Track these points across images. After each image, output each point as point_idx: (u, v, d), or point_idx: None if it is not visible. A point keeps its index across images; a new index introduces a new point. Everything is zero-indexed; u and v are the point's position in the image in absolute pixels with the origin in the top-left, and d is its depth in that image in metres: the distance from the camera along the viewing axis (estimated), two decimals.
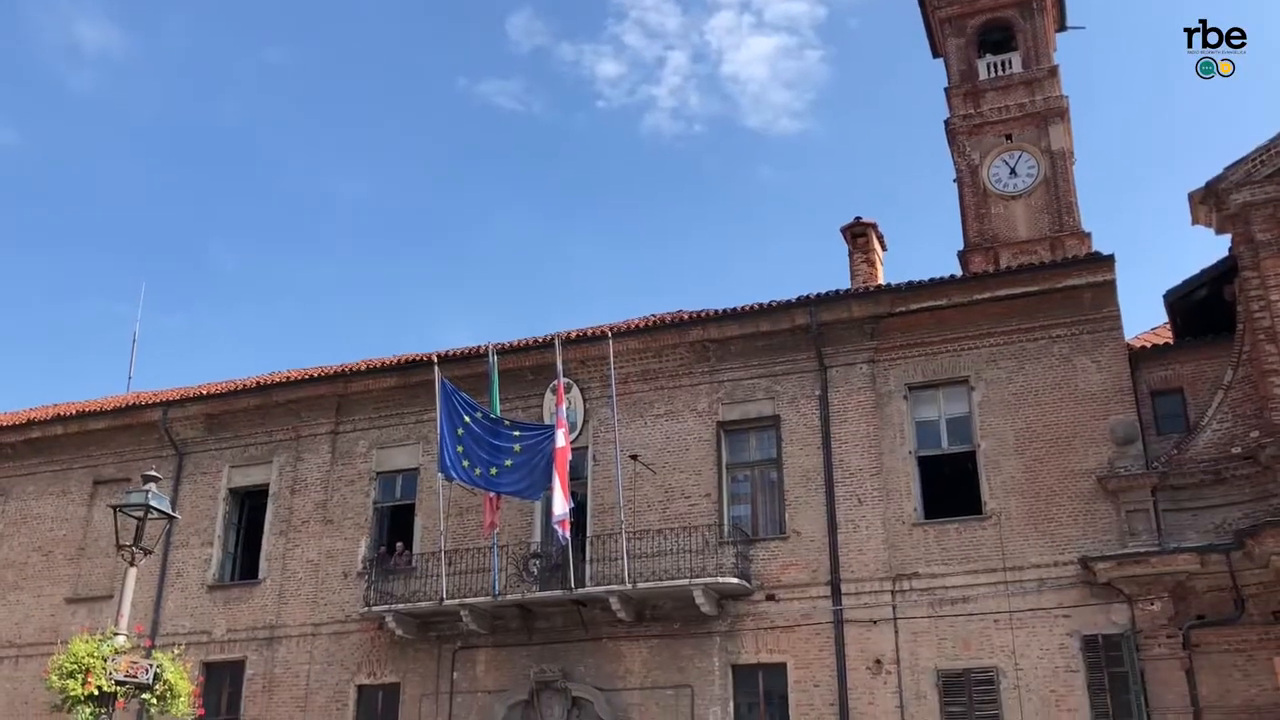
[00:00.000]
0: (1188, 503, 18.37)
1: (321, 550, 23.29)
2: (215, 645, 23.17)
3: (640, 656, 20.52)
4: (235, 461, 24.95)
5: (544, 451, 20.13)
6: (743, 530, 20.89)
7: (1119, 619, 18.10)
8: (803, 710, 19.26)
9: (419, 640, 21.69)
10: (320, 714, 21.99)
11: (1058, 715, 17.91)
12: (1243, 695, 17.11)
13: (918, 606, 19.22)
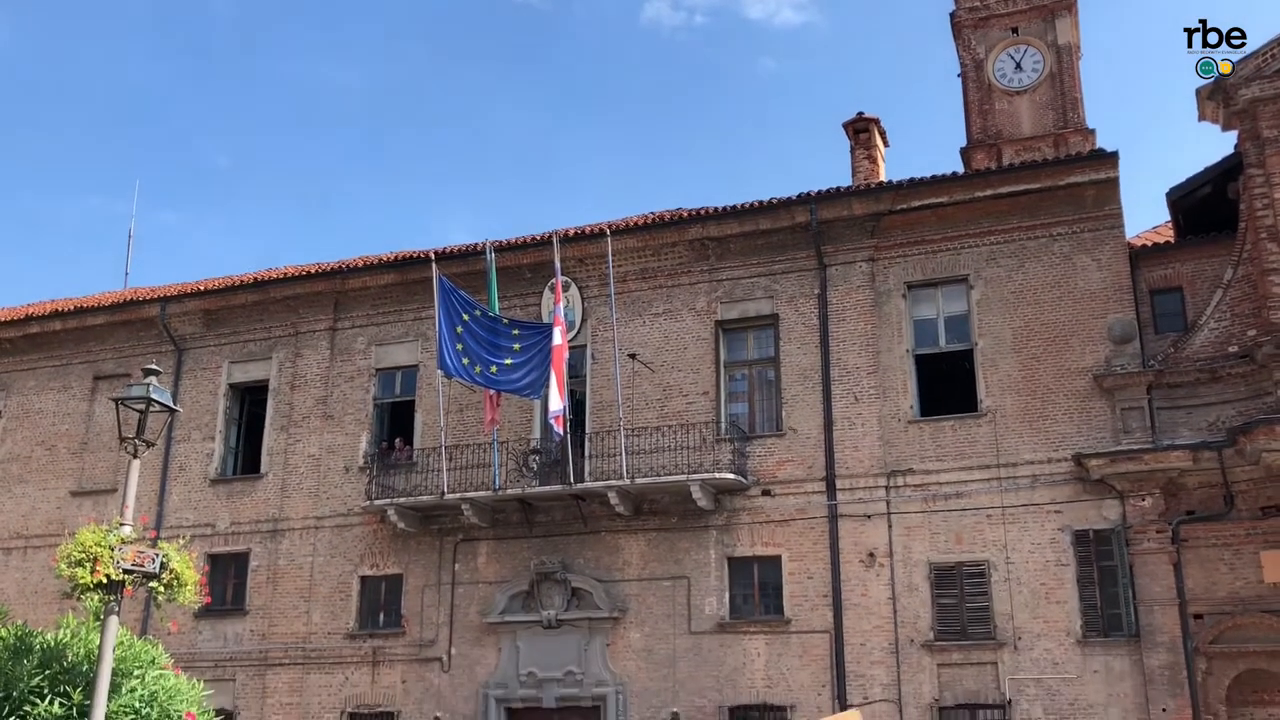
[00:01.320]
0: (1182, 401, 18.52)
1: (322, 445, 23.51)
2: (219, 538, 23.56)
3: (638, 549, 20.89)
4: (234, 357, 25.05)
5: (543, 350, 20.19)
6: (740, 427, 21.08)
7: (1110, 514, 18.40)
8: (797, 601, 19.68)
9: (421, 533, 22.05)
10: (325, 604, 22.47)
11: (1046, 607, 18.31)
12: (1228, 588, 17.49)
13: (911, 502, 19.50)
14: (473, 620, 21.41)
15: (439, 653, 21.40)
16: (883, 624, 19.08)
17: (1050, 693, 17.95)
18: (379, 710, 21.54)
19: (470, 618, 21.44)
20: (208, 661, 22.17)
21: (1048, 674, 18.04)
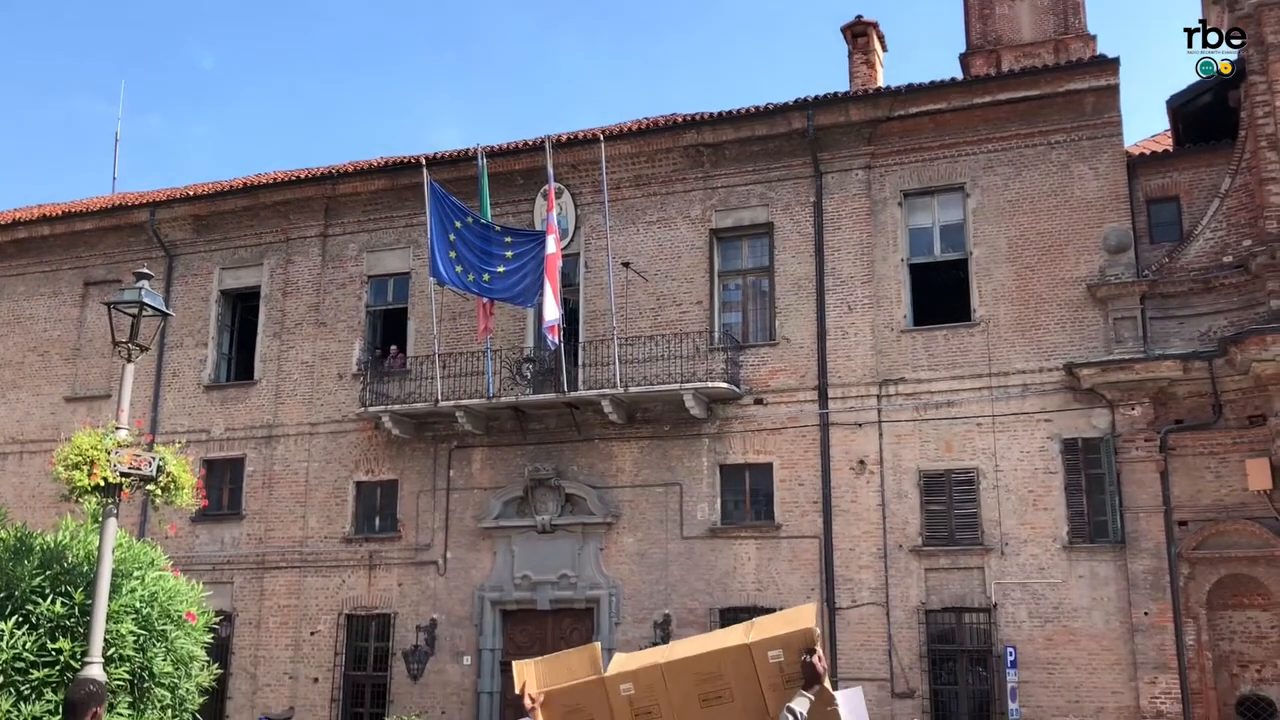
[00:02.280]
0: (1175, 311, 18.56)
1: (315, 352, 23.52)
2: (214, 443, 23.70)
3: (631, 456, 21.06)
4: (225, 264, 24.90)
5: (536, 257, 20.09)
6: (733, 337, 21.10)
7: (1099, 423, 18.56)
8: (787, 507, 19.93)
9: (415, 440, 22.19)
10: (320, 508, 22.71)
11: (1034, 514, 18.58)
12: (1213, 495, 17.74)
13: (902, 410, 19.64)
14: (468, 525, 21.67)
15: (435, 556, 21.71)
16: (871, 530, 19.36)
17: (1035, 596, 18.30)
18: (376, 612, 21.93)
19: (465, 523, 21.70)
20: (205, 565, 22.46)
21: (1033, 578, 18.37)
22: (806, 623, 5.50)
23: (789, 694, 5.26)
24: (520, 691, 5.74)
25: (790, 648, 5.35)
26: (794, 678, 5.29)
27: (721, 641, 5.88)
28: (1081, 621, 18.01)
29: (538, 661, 5.91)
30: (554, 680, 5.78)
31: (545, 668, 5.90)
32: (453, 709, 20.89)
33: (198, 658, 10.54)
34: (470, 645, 21.14)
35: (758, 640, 5.49)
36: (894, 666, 18.68)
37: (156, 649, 9.93)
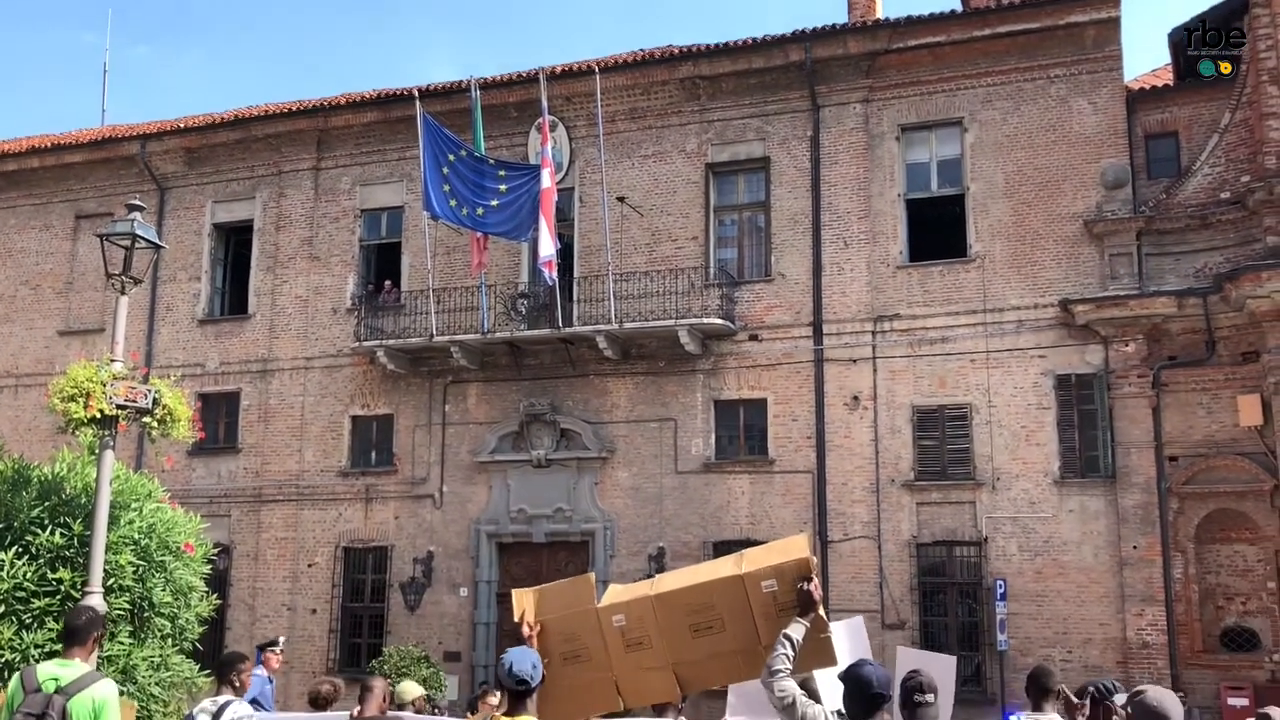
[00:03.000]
0: (1171, 247, 18.53)
1: (309, 286, 23.45)
2: (209, 377, 23.71)
3: (626, 392, 21.12)
4: (218, 197, 24.72)
5: (530, 192, 19.94)
6: (728, 273, 21.05)
7: (1093, 359, 18.62)
8: (781, 442, 20.05)
9: (410, 375, 22.22)
10: (316, 442, 22.79)
11: (1026, 449, 18.71)
12: (1204, 431, 17.86)
13: (897, 346, 19.67)
14: (463, 459, 21.78)
15: (431, 490, 21.85)
16: (864, 464, 19.50)
17: (1026, 530, 18.50)
18: (373, 544, 22.12)
19: (461, 457, 21.81)
20: (202, 498, 22.57)
21: (1024, 513, 18.56)
22: (800, 552, 5.51)
23: (782, 622, 5.31)
24: (519, 619, 5.80)
25: (784, 577, 5.37)
26: (787, 607, 5.32)
27: (712, 573, 5.87)
28: (1071, 555, 18.23)
29: (536, 590, 5.97)
30: (550, 610, 5.83)
31: (542, 597, 5.96)
32: (450, 639, 21.17)
33: (196, 588, 10.65)
34: (467, 577, 21.37)
35: (750, 571, 5.51)
36: (885, 599, 18.92)
37: (156, 579, 10.02)
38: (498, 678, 5.23)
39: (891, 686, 4.78)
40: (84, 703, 5.65)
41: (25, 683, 5.75)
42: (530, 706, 4.95)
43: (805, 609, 5.09)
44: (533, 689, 4.95)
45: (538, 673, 4.97)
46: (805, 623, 5.00)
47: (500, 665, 5.07)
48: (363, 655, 21.50)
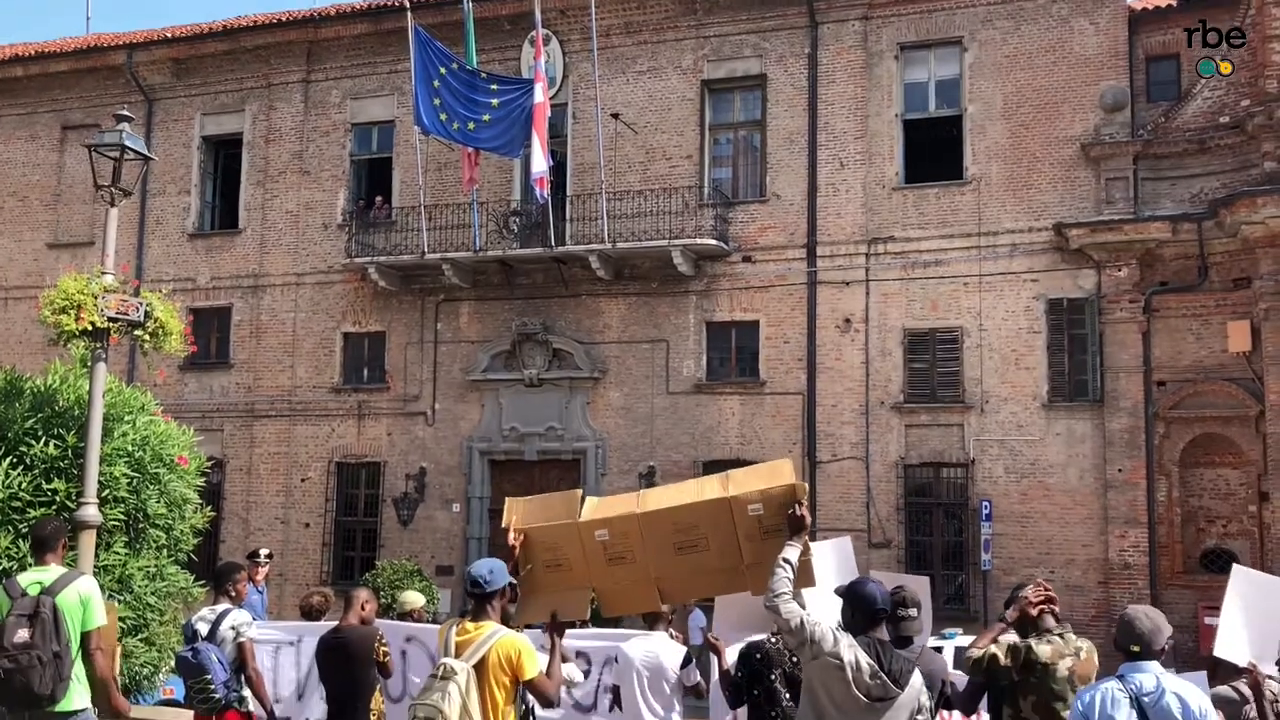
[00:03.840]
0: (1168, 171, 18.44)
1: (300, 201, 23.25)
2: (200, 292, 23.60)
3: (618, 312, 21.11)
4: (207, 109, 24.37)
5: (523, 107, 19.68)
6: (723, 193, 20.92)
7: (1085, 284, 18.64)
8: (772, 364, 20.12)
9: (402, 292, 22.16)
10: (308, 359, 22.81)
11: (1015, 373, 18.81)
12: (1193, 356, 17.97)
13: (890, 269, 19.65)
14: (455, 377, 21.84)
15: (423, 407, 21.93)
16: (854, 387, 19.60)
17: (1012, 453, 18.68)
18: (365, 460, 22.27)
19: (453, 375, 21.86)
20: (195, 413, 22.57)
21: (1011, 435, 18.72)
22: (788, 478, 5.62)
23: (765, 545, 5.44)
24: (506, 526, 5.92)
25: (771, 501, 5.48)
26: (771, 530, 5.44)
27: (698, 494, 5.96)
28: (1056, 477, 18.44)
29: (525, 500, 6.08)
30: (535, 520, 5.95)
31: (529, 508, 6.07)
32: (442, 553, 21.44)
33: (191, 500, 10.69)
34: (459, 494, 21.56)
35: (738, 495, 5.62)
36: (871, 518, 19.17)
37: (150, 491, 10.05)
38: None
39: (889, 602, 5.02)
40: (71, 597, 5.98)
41: (9, 590, 6.03)
42: (491, 611, 5.08)
43: (796, 531, 5.21)
44: (489, 593, 5.07)
45: (495, 578, 5.09)
46: (799, 545, 5.13)
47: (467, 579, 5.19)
48: (356, 568, 21.77)
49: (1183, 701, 4.49)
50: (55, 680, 5.76)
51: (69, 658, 5.83)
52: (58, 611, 5.87)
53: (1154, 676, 4.58)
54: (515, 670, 4.96)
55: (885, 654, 4.78)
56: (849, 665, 4.68)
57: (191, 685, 6.77)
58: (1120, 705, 4.51)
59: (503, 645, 4.96)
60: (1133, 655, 4.64)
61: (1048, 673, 5.20)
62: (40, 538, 6.37)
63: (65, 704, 5.84)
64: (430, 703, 4.77)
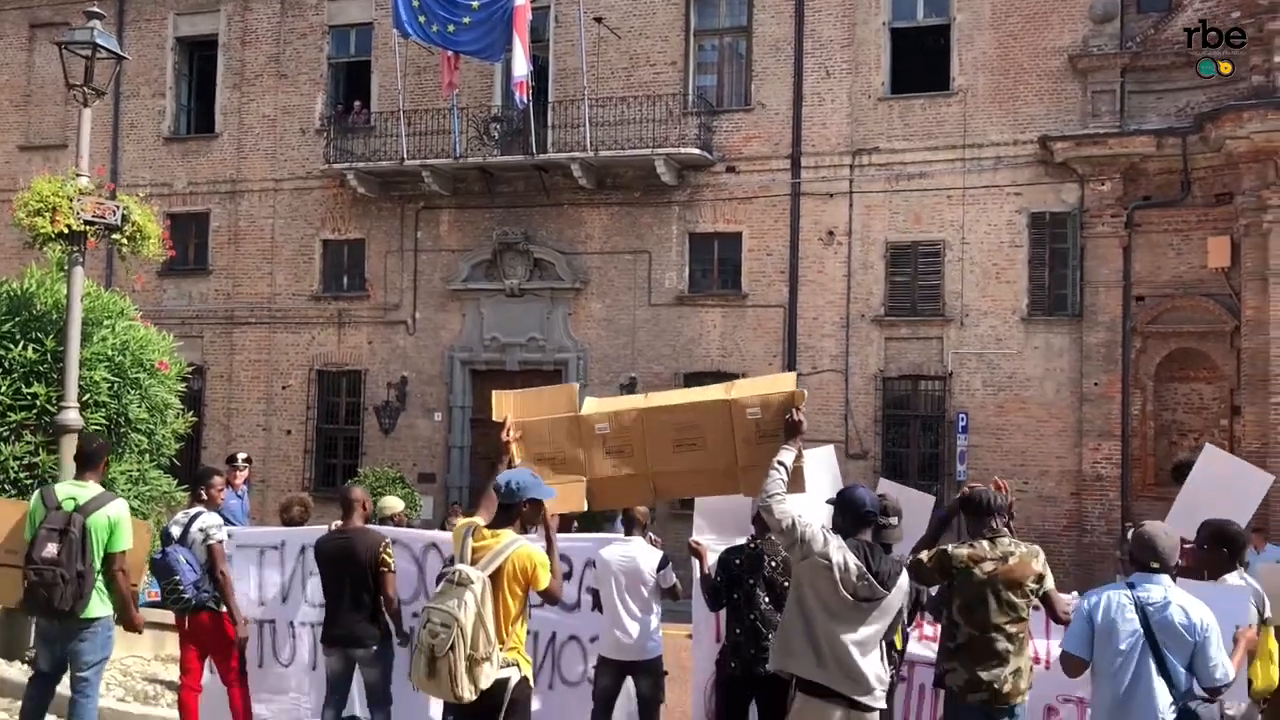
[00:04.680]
0: (1155, 85, 18.30)
1: (277, 105, 22.84)
2: (177, 197, 23.28)
3: (600, 222, 20.98)
4: (180, 9, 23.78)
5: (503, 9, 19.26)
6: (707, 101, 20.66)
7: (1068, 198, 18.62)
8: (755, 277, 20.10)
9: (381, 199, 21.93)
10: (287, 266, 22.64)
11: (996, 286, 18.87)
12: (1173, 272, 18.05)
13: (874, 181, 19.55)
14: (436, 286, 21.74)
15: (404, 316, 21.87)
16: (836, 300, 19.64)
17: (990, 366, 18.84)
18: (346, 369, 22.27)
19: (434, 284, 21.76)
20: (174, 319, 22.40)
21: (990, 349, 18.86)
22: (788, 387, 5.80)
23: (760, 449, 5.58)
24: (499, 420, 5.95)
25: (769, 408, 5.64)
26: (767, 434, 5.59)
27: (701, 396, 6.20)
28: (1033, 391, 18.63)
29: (517, 394, 6.14)
30: (530, 413, 6.02)
31: (523, 401, 6.13)
32: (424, 461, 21.58)
33: (172, 405, 10.71)
34: (440, 403, 21.62)
35: (739, 397, 5.81)
36: (850, 430, 19.36)
37: (131, 396, 10.07)
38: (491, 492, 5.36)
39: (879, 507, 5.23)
40: (101, 519, 6.20)
41: (46, 500, 6.29)
42: (517, 524, 5.12)
43: (791, 436, 5.31)
44: (514, 503, 5.10)
45: (522, 489, 5.11)
46: (794, 449, 5.23)
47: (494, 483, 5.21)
48: (338, 475, 21.90)
49: (1186, 614, 4.68)
50: (75, 597, 6.06)
51: (91, 577, 6.11)
52: (86, 532, 6.12)
53: (1163, 589, 4.76)
54: (530, 580, 4.99)
55: (874, 556, 4.90)
56: (837, 566, 4.78)
57: (164, 586, 6.86)
58: (1126, 611, 4.72)
59: (520, 556, 4.98)
60: (1150, 569, 4.81)
61: (966, 574, 5.27)
62: (84, 454, 6.58)
63: (86, 613, 6.16)
64: (446, 609, 4.77)
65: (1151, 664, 4.67)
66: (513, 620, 5.00)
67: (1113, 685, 4.75)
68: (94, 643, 6.23)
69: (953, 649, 5.33)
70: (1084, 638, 4.82)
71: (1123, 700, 4.73)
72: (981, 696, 5.21)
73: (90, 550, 6.10)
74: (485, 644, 4.79)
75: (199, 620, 6.89)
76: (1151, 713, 4.67)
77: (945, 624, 5.44)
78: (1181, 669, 4.69)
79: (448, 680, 4.75)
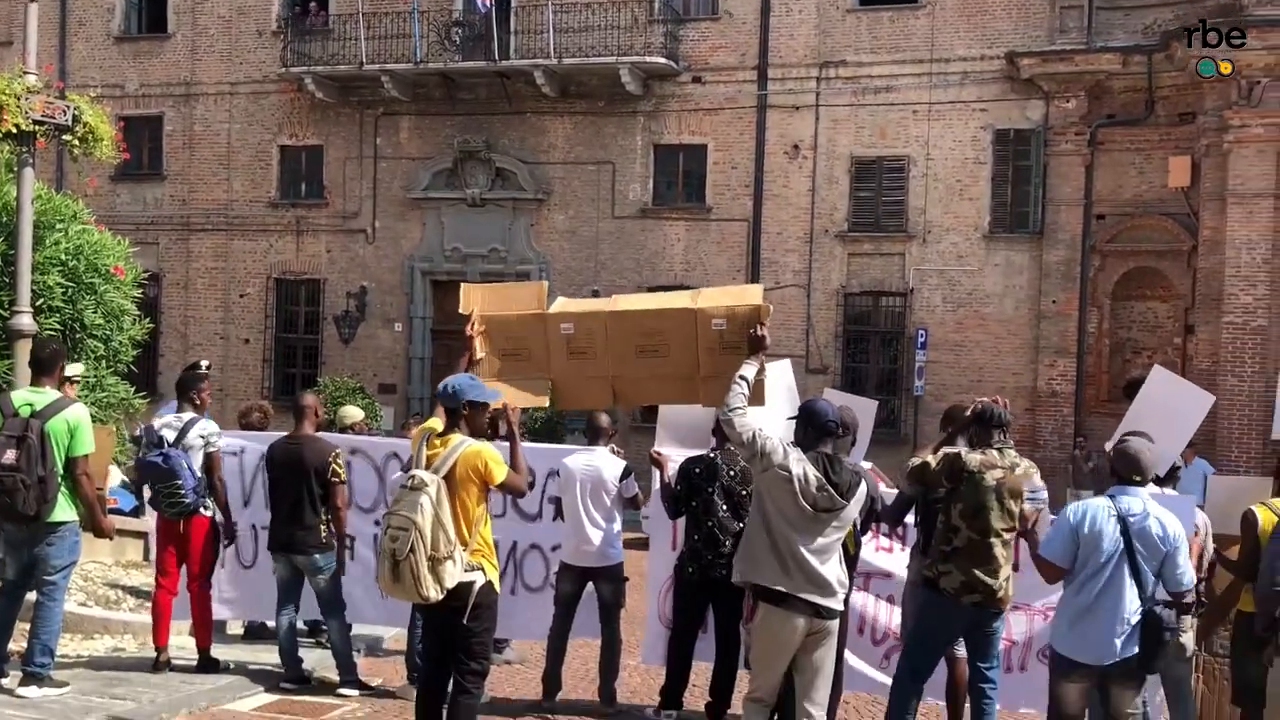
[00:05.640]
0: (1123, 1, 18.23)
1: (232, 5, 22.15)
2: (129, 100, 22.65)
3: (564, 132, 20.72)
4: None
5: None
6: (674, 8, 20.30)
7: (1033, 115, 18.62)
8: (719, 190, 20.01)
9: (340, 104, 21.48)
10: (244, 172, 22.21)
11: (959, 203, 18.93)
12: (1134, 190, 18.19)
13: (841, 95, 19.41)
14: (396, 195, 21.45)
15: (363, 225, 21.60)
16: (800, 214, 19.62)
17: (951, 283, 18.98)
18: (305, 277, 22.03)
19: (394, 192, 21.46)
20: (129, 225, 21.88)
21: (951, 265, 18.98)
22: (755, 300, 5.78)
23: (722, 359, 5.60)
24: (465, 312, 5.94)
25: (734, 319, 5.63)
26: (730, 346, 5.60)
27: (668, 302, 6.20)
28: (992, 308, 18.83)
29: (485, 288, 6.11)
30: (496, 308, 6.01)
31: (490, 296, 6.12)
32: (385, 372, 21.51)
33: (128, 311, 10.55)
34: (401, 313, 21.49)
35: (704, 307, 5.81)
36: (810, 345, 19.50)
37: (86, 301, 9.90)
38: (436, 398, 5.40)
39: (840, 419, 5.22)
40: (59, 424, 6.11)
41: (2, 408, 6.17)
42: (460, 424, 5.14)
43: (754, 351, 5.33)
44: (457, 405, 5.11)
45: (462, 391, 5.12)
46: (756, 364, 5.25)
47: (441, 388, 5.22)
48: (297, 385, 21.69)
49: (1162, 525, 4.93)
50: (40, 501, 6.01)
51: (54, 481, 6.05)
52: (45, 437, 6.04)
53: (1141, 501, 4.99)
54: (483, 477, 5.06)
55: (834, 467, 4.97)
56: (797, 478, 4.85)
57: (160, 490, 6.82)
58: (1109, 521, 4.93)
59: (467, 455, 5.04)
60: (1132, 483, 5.04)
61: (974, 480, 5.41)
62: (39, 359, 6.48)
63: (52, 517, 6.12)
64: (403, 514, 4.85)
65: (1126, 570, 4.91)
66: (473, 520, 5.06)
67: (1086, 590, 4.97)
68: (60, 547, 6.22)
69: (948, 552, 5.47)
70: (1066, 547, 5.01)
71: (1093, 604, 4.95)
72: (976, 598, 5.41)
73: (51, 455, 6.05)
74: (445, 544, 4.86)
75: (189, 524, 6.90)
76: (1119, 615, 4.90)
77: (941, 528, 5.55)
78: (1151, 575, 4.93)
79: (411, 582, 4.83)
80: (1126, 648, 4.90)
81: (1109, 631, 4.90)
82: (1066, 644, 5.06)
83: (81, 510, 6.32)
